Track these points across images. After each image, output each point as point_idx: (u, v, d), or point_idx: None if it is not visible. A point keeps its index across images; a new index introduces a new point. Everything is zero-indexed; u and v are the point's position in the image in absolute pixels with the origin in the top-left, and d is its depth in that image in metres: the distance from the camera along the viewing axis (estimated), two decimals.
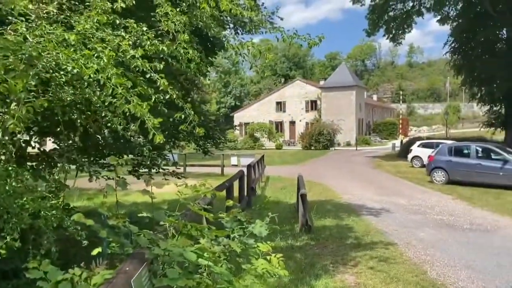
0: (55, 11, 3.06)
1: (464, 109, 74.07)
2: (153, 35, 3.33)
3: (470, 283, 6.01)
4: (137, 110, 2.82)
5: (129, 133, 3.32)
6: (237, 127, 45.72)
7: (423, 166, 22.23)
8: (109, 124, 3.27)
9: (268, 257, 3.31)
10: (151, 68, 3.16)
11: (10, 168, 2.61)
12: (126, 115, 2.98)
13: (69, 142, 5.04)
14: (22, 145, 5.16)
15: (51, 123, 4.61)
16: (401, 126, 55.92)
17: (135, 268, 2.38)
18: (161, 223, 3.11)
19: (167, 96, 3.26)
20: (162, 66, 3.28)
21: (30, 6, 2.84)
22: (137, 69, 3.12)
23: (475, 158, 16.49)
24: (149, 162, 7.17)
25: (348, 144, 50.57)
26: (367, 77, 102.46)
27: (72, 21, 3.07)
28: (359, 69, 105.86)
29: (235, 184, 10.57)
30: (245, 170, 12.90)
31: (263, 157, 22.15)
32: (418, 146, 25.56)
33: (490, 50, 26.72)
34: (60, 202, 3.10)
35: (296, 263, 6.67)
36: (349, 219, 10.28)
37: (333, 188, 16.09)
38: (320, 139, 45.86)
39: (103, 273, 2.47)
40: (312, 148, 45.46)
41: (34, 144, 5.82)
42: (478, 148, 16.89)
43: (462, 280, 6.10)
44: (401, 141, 39.00)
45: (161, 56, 3.47)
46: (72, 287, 2.41)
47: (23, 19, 2.80)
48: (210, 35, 4.10)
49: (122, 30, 3.24)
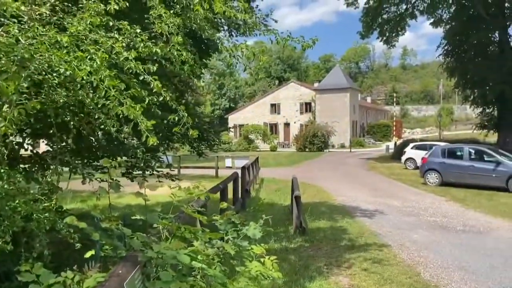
0: (48, 12, 3.05)
1: (457, 111, 74.59)
2: (146, 37, 3.32)
3: (463, 285, 6.04)
4: (130, 112, 2.82)
5: (123, 135, 3.31)
6: (232, 129, 45.73)
7: (416, 168, 22.37)
8: (102, 126, 3.26)
9: (262, 259, 3.30)
10: (144, 70, 3.14)
11: (2, 170, 2.59)
12: (120, 117, 2.96)
13: (62, 144, 5.02)
14: (15, 147, 5.14)
15: (44, 125, 4.59)
16: (394, 128, 56.21)
17: (128, 271, 2.37)
18: (154, 225, 3.10)
19: (161, 98, 3.25)
20: (155, 68, 3.27)
21: (23, 8, 2.83)
22: (131, 71, 3.10)
23: (468, 160, 16.60)
24: (142, 164, 7.14)
25: (342, 146, 50.75)
26: (361, 79, 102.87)
27: (65, 23, 3.06)
28: (353, 71, 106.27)
29: (229, 186, 10.56)
30: (239, 172, 12.90)
31: (257, 159, 22.15)
32: (412, 148, 25.70)
33: (483, 53, 26.93)
34: (52, 205, 3.09)
35: (290, 265, 6.67)
36: (343, 221, 10.29)
37: (327, 190, 16.11)
38: (314, 141, 45.97)
39: (95, 276, 2.46)
40: (307, 150, 45.54)
41: (27, 146, 5.79)
42: (471, 150, 16.99)
43: (455, 282, 6.13)
44: (395, 143, 39.14)
45: (154, 58, 3.46)
46: None
47: (16, 20, 2.79)
48: (204, 37, 4.09)
49: (115, 32, 3.23)
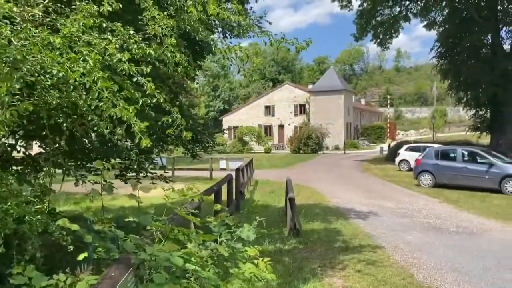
0: (40, 14, 3.03)
1: (451, 113, 75.01)
2: (140, 38, 3.31)
3: (456, 286, 6.07)
4: (124, 114, 2.80)
5: (116, 137, 3.30)
6: (226, 131, 45.60)
7: (410, 169, 22.46)
8: (95, 128, 3.24)
9: (256, 261, 3.29)
10: (138, 71, 3.13)
11: None
12: (113, 119, 2.95)
13: (55, 146, 5.00)
14: (7, 149, 5.10)
15: (37, 126, 4.56)
16: (388, 130, 56.51)
17: (121, 274, 2.35)
18: (148, 227, 3.08)
19: (155, 100, 3.24)
20: (149, 70, 3.26)
21: (15, 9, 2.81)
22: (124, 72, 3.09)
23: (461, 161, 16.71)
24: (136, 166, 7.10)
25: (337, 148, 50.85)
26: (355, 81, 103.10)
27: (58, 24, 3.04)
28: (347, 73, 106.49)
29: (223, 188, 10.55)
30: (233, 174, 12.89)
31: (251, 160, 22.17)
32: (406, 150, 25.82)
33: (476, 55, 27.12)
34: (45, 207, 3.07)
35: (284, 266, 6.67)
36: (337, 222, 10.31)
37: (321, 192, 16.14)
38: (308, 142, 46.07)
39: (88, 278, 2.45)
40: (301, 151, 45.63)
41: (20, 148, 5.75)
42: (464, 152, 17.12)
43: (448, 283, 6.16)
44: (389, 145, 39.31)
45: (148, 59, 3.45)
46: None
47: (8, 22, 2.77)
48: (198, 38, 4.08)
49: (108, 33, 3.21)
